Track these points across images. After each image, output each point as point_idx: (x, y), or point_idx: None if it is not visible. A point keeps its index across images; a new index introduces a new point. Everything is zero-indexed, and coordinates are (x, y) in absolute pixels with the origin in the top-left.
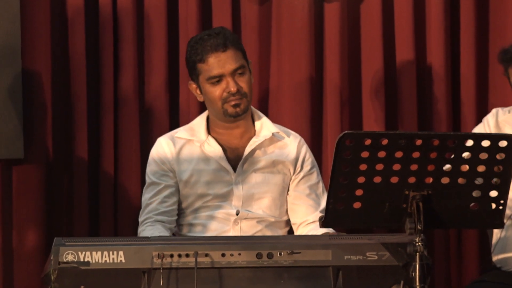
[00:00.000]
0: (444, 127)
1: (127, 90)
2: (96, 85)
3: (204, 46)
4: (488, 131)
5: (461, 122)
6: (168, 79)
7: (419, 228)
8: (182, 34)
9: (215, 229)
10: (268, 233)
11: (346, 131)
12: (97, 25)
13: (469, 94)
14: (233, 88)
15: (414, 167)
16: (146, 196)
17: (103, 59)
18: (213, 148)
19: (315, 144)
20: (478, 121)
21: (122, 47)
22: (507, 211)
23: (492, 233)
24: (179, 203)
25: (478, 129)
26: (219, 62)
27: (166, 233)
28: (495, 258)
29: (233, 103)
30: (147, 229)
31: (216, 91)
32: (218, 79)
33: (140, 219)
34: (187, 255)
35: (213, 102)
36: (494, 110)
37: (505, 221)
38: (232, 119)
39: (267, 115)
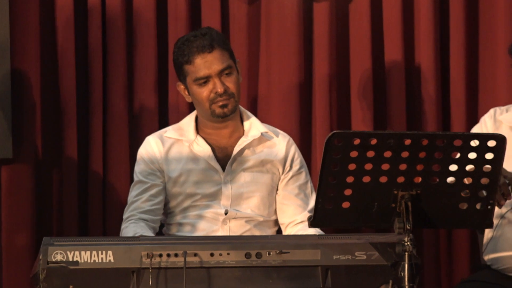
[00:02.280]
0: (433, 127)
1: (116, 89)
2: (85, 84)
3: (190, 48)
4: (485, 132)
5: (450, 122)
6: (158, 79)
7: (408, 227)
8: (172, 33)
9: (203, 228)
10: (256, 232)
11: (335, 131)
12: (86, 25)
13: (459, 94)
14: (220, 89)
15: (403, 166)
16: (132, 193)
17: (92, 59)
18: (202, 148)
19: (304, 144)
20: (468, 121)
21: (111, 47)
22: (502, 209)
23: (482, 232)
24: (168, 202)
25: (476, 130)
26: (205, 63)
27: (148, 232)
28: (486, 257)
29: (220, 103)
30: (130, 226)
31: (204, 92)
32: (205, 80)
33: (124, 216)
34: (176, 255)
35: (201, 103)
36: (491, 110)
37: (494, 221)
38: (220, 120)
39: (256, 114)
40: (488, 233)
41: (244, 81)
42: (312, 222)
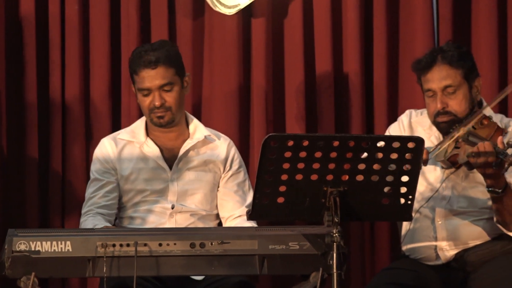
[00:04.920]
0: (359, 130)
1: (74, 95)
2: (46, 91)
3: (139, 61)
4: (402, 129)
5: (374, 125)
6: (111, 86)
7: (336, 220)
8: (124, 45)
9: (153, 221)
10: (200, 225)
11: (271, 134)
12: (47, 36)
13: (381, 100)
14: (157, 103)
15: (331, 165)
16: (89, 190)
17: (52, 68)
18: (151, 149)
19: (243, 145)
20: (389, 124)
21: (69, 57)
22: (415, 205)
23: (401, 225)
24: (120, 198)
25: (394, 127)
26: (148, 78)
27: (105, 224)
28: (404, 247)
29: (158, 114)
30: (88, 219)
31: (146, 101)
32: (147, 92)
33: (83, 211)
34: (127, 245)
35: (143, 110)
36: (407, 111)
37: (413, 214)
38: (158, 127)
39: (200, 118)
40: (405, 225)
41: (190, 88)
42: (250, 216)
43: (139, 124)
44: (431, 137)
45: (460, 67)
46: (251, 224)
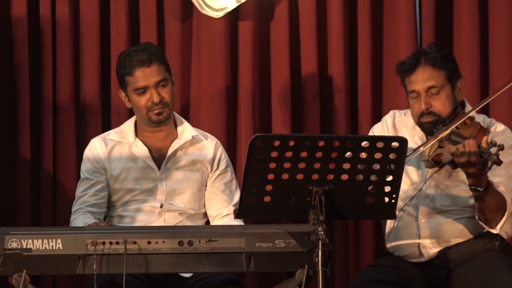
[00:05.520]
0: (343, 130)
1: (65, 96)
2: (37, 92)
3: (131, 61)
4: (386, 129)
5: (358, 126)
6: (101, 87)
7: (322, 219)
8: (114, 46)
9: (142, 220)
10: (188, 223)
11: (257, 134)
12: (38, 38)
13: (365, 102)
14: (156, 99)
15: (317, 165)
16: (79, 189)
17: (43, 70)
18: (140, 149)
19: (230, 145)
20: (373, 124)
21: (60, 59)
22: (399, 203)
23: (385, 223)
24: (110, 197)
25: (377, 127)
26: (144, 76)
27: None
28: (388, 245)
29: (156, 111)
30: (79, 218)
31: (142, 101)
32: (143, 90)
33: (73, 209)
34: (117, 243)
35: (139, 110)
36: (391, 112)
37: (397, 212)
38: (156, 125)
39: (188, 119)
40: (390, 223)
41: (178, 89)
42: (237, 214)
43: (128, 125)
44: (414, 137)
45: (443, 69)
46: (238, 222)
